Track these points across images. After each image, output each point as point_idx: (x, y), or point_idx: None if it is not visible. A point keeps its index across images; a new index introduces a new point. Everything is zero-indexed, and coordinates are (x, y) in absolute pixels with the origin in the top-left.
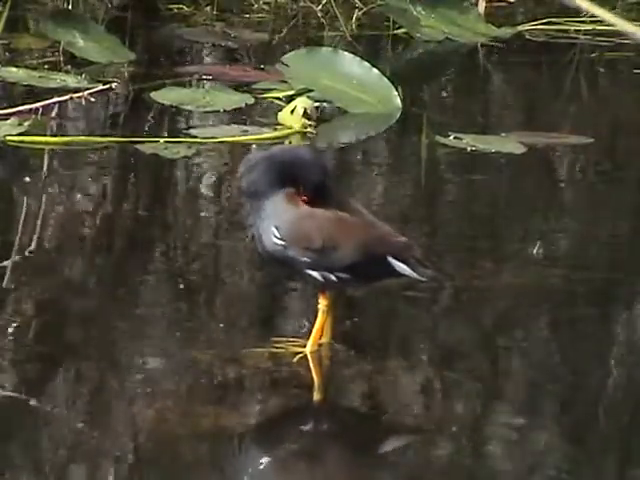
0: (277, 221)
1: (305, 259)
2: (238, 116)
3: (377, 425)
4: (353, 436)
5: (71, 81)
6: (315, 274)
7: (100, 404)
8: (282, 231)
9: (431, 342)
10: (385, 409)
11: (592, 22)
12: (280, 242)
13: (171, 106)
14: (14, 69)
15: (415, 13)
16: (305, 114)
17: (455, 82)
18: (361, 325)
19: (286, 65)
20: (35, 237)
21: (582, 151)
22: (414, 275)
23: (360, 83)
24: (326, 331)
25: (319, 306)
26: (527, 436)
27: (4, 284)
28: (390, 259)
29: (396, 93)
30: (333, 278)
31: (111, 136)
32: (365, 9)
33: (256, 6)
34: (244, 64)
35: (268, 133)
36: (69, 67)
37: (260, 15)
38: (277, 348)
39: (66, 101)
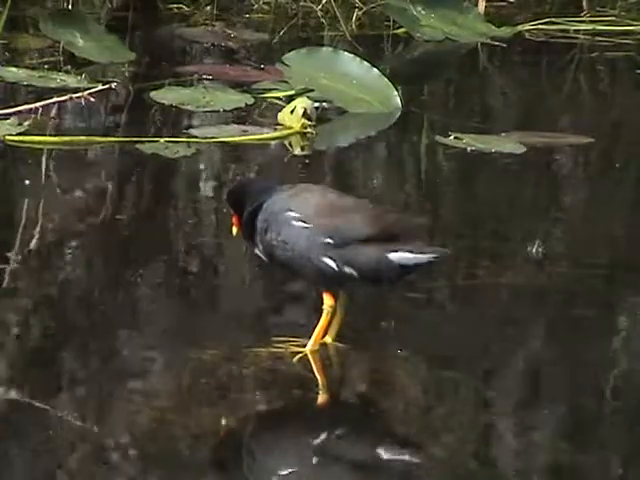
0: (292, 207)
1: (326, 239)
2: (238, 116)
3: (377, 425)
4: (353, 436)
5: (71, 81)
6: (332, 263)
7: (100, 404)
8: (302, 213)
9: (431, 342)
10: (385, 409)
11: (592, 22)
12: (301, 224)
13: (171, 106)
14: (14, 69)
15: (415, 13)
16: (305, 114)
17: (455, 82)
18: (361, 325)
19: (286, 65)
20: (35, 236)
21: (582, 151)
22: (425, 259)
23: (360, 83)
24: (330, 331)
25: (324, 307)
26: (528, 436)
27: (4, 284)
28: (393, 257)
29: (396, 93)
30: (347, 270)
31: (111, 136)
32: (365, 9)
33: (256, 6)
34: (244, 64)
35: (268, 133)
36: (69, 67)
37: (260, 15)
38: (277, 348)
39: (66, 101)
